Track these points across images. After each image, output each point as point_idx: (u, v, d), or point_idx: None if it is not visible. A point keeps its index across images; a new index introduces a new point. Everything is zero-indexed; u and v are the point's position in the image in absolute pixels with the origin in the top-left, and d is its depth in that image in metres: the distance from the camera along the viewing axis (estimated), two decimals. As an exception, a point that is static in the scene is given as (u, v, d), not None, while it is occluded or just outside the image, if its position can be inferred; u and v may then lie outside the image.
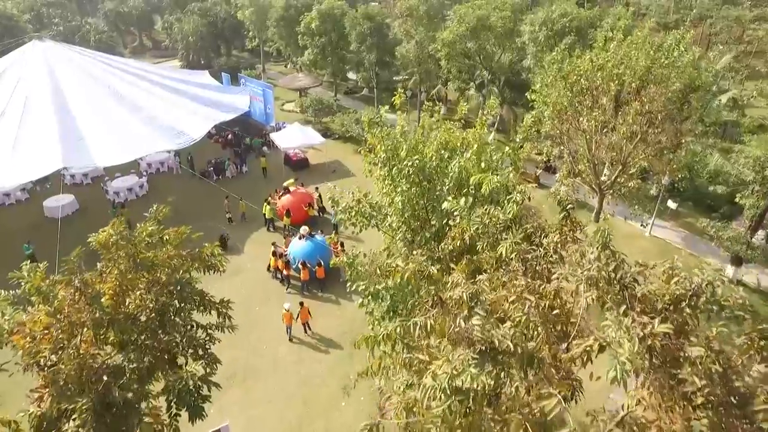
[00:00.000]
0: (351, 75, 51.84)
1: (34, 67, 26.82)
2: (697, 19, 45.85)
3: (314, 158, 34.31)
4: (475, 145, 10.58)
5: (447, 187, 10.16)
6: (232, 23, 55.04)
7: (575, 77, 15.45)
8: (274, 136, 33.44)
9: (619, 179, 18.44)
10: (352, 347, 15.10)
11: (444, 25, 31.12)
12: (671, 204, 26.85)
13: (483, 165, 10.08)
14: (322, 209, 27.40)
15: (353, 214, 11.56)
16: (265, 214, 25.95)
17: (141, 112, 26.81)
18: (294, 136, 32.06)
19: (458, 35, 27.84)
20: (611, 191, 19.15)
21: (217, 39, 55.93)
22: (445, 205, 9.56)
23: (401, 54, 33.66)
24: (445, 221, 9.87)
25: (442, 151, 10.46)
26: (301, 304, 19.18)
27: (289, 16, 44.83)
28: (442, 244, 9.60)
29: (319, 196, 27.51)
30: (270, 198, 26.88)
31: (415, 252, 10.04)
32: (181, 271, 9.15)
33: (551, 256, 7.00)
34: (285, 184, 26.58)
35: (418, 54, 32.83)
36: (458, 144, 10.74)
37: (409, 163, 10.10)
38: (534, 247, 7.35)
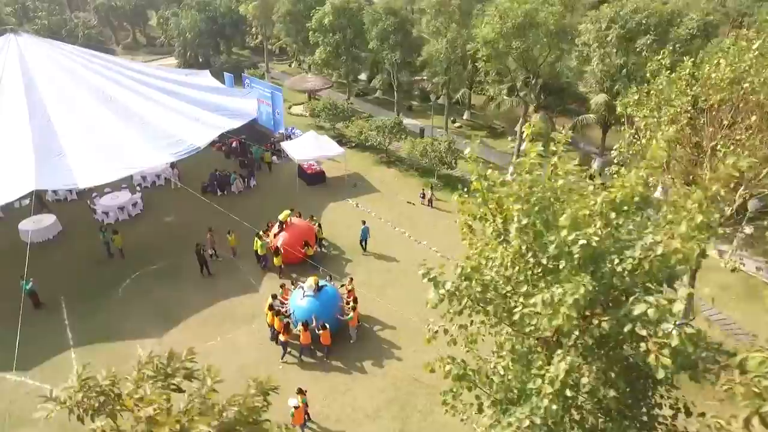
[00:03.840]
0: (361, 76, 48.09)
1: (4, 66, 22.73)
2: None
3: (330, 170, 30.46)
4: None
5: (625, 272, 6.34)
6: (233, 19, 51.07)
7: (707, 88, 11.78)
8: (286, 146, 29.56)
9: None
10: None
11: (478, 22, 27.31)
12: None
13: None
14: (320, 242, 22.89)
15: (462, 300, 7.57)
16: (257, 251, 21.32)
17: (134, 118, 22.86)
18: (309, 147, 28.22)
19: (502, 33, 24.11)
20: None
21: (216, 36, 51.86)
22: (637, 310, 5.80)
23: (429, 54, 29.90)
24: (629, 327, 6.09)
25: (612, 215, 6.59)
26: (300, 392, 14.04)
27: (298, 11, 41.00)
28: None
29: (319, 226, 23.20)
30: (265, 232, 22.11)
31: (566, 359, 6.38)
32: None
33: None
34: (280, 217, 21.83)
35: (449, 54, 29.08)
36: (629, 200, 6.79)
37: (573, 240, 6.20)
38: None
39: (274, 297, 17.94)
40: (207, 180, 27.89)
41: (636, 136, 14.08)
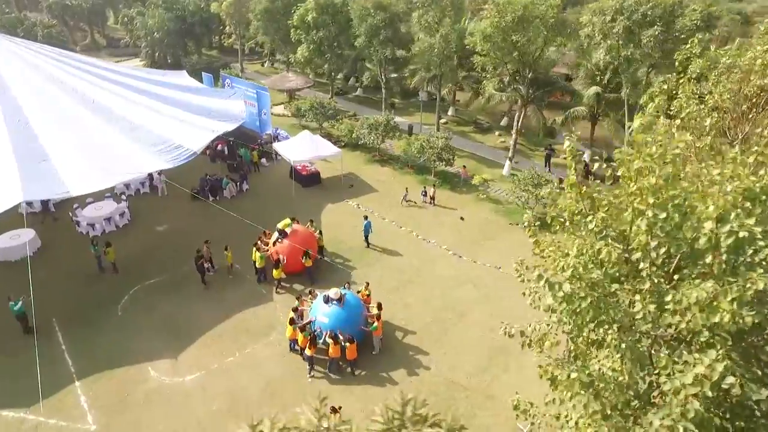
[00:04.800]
0: (339, 75, 46.96)
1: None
2: None
3: (324, 171, 29.45)
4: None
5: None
6: (203, 17, 48.97)
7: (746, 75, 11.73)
8: (280, 147, 28.38)
9: None
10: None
11: (472, 17, 27.02)
12: None
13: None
14: (321, 250, 21.48)
15: (580, 302, 6.94)
16: (255, 263, 19.73)
17: (120, 122, 21.20)
18: (304, 147, 27.15)
19: (501, 27, 23.85)
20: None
21: (185, 35, 49.58)
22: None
23: (422, 49, 29.34)
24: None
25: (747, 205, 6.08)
26: (334, 411, 12.75)
27: (276, 8, 39.63)
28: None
29: (320, 233, 21.77)
30: (260, 241, 20.56)
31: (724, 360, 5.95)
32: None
33: None
34: (279, 225, 20.37)
35: (443, 49, 28.62)
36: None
37: (728, 232, 5.67)
38: None
39: (295, 310, 16.75)
40: (197, 186, 26.36)
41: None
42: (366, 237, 22.56)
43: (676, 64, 14.01)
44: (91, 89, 22.67)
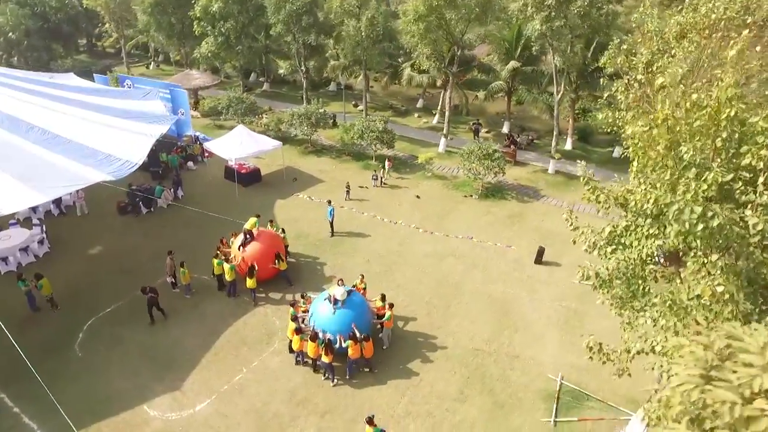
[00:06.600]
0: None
1: None
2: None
3: (262, 168, 27.55)
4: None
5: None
6: (71, 15, 42.57)
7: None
8: (213, 146, 25.85)
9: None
10: None
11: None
12: None
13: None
14: (285, 250, 19.49)
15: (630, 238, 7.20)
16: (223, 275, 17.50)
17: (33, 130, 17.62)
18: (243, 144, 25.01)
19: (434, 6, 24.24)
20: None
21: (50, 36, 42.66)
22: None
23: (348, 35, 28.62)
24: None
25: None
26: (370, 422, 11.99)
27: (168, 0, 35.85)
28: None
29: (282, 231, 19.99)
30: (218, 250, 18.27)
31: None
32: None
33: None
34: (246, 225, 18.27)
35: (369, 33, 28.25)
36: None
37: None
38: None
39: (295, 318, 14.98)
40: (124, 199, 22.99)
41: (630, 83, 15.42)
42: (331, 223, 21.62)
43: (634, 26, 15.39)
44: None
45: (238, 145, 24.68)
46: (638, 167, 9.60)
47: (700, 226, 7.40)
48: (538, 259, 20.07)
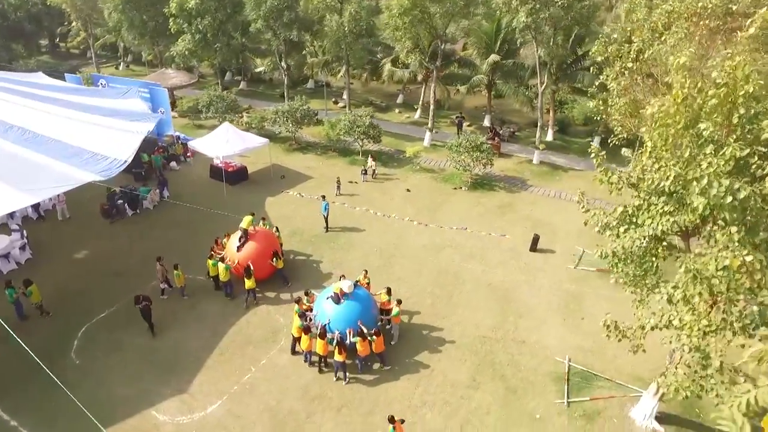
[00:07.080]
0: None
1: None
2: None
3: (249, 166, 27.03)
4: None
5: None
6: (33, 13, 40.68)
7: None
8: (199, 145, 25.21)
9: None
10: None
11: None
12: None
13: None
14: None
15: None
16: (217, 277, 17.12)
17: (11, 131, 16.77)
18: (229, 141, 24.46)
19: (418, 1, 24.30)
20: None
21: (11, 35, 40.66)
22: None
23: (332, 30, 28.36)
24: None
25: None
26: (392, 420, 11.79)
27: (138, -4, 34.75)
28: None
29: (276, 229, 19.63)
30: (212, 251, 17.93)
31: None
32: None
33: None
34: (242, 224, 17.80)
35: (352, 28, 28.07)
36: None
37: None
38: None
39: (302, 316, 14.71)
40: (107, 201, 22.14)
41: (621, 71, 15.90)
42: (326, 218, 21.44)
43: (623, 14, 15.90)
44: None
45: (224, 143, 24.14)
46: (651, 147, 9.90)
47: (729, 199, 7.68)
48: (533, 247, 20.40)
